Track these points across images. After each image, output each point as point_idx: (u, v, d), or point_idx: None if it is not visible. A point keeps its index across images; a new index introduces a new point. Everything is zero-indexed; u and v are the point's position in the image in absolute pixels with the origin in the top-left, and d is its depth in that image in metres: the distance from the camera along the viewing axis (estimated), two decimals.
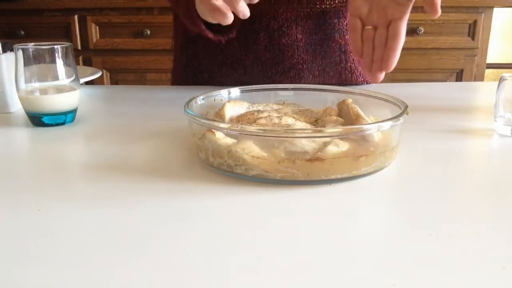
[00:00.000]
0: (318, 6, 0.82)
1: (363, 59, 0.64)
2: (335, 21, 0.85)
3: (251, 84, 0.63)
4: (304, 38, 0.84)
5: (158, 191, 0.42)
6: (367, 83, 0.91)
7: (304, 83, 0.86)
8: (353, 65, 0.88)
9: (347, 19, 0.85)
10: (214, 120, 0.48)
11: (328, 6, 0.83)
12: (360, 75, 0.90)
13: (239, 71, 0.86)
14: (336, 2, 0.82)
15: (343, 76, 0.89)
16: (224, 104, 0.55)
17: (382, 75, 0.57)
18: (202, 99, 0.56)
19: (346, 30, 0.86)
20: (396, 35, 0.61)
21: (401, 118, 0.45)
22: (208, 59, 0.89)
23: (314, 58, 0.85)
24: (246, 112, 0.55)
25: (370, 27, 0.64)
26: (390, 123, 0.45)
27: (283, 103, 0.61)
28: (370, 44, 0.64)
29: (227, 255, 0.31)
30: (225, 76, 0.87)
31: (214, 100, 0.58)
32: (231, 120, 0.53)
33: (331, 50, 0.86)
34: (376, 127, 0.44)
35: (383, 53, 0.61)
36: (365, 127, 0.46)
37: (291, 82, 0.85)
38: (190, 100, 0.53)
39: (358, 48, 0.65)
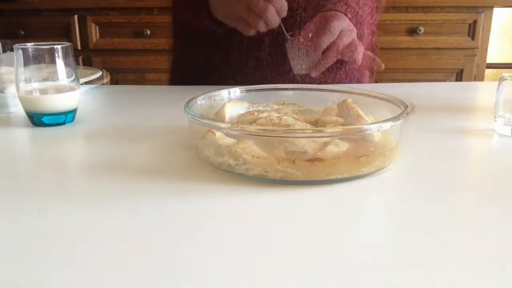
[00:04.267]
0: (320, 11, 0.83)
1: None
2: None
3: None
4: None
5: (158, 191, 0.42)
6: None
7: (302, 82, 0.86)
8: (347, 66, 0.89)
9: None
10: (214, 120, 0.48)
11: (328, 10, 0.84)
12: (353, 78, 0.91)
13: (240, 79, 0.87)
14: (337, 6, 0.84)
15: (337, 76, 0.90)
16: (224, 104, 0.55)
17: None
18: (202, 99, 0.56)
19: None
20: None
21: (401, 118, 0.45)
22: (206, 70, 0.89)
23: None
24: (246, 112, 0.55)
25: None
26: (390, 123, 0.45)
27: (283, 103, 0.61)
28: None
29: (227, 255, 0.31)
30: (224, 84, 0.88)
31: (214, 100, 0.58)
32: (231, 120, 0.53)
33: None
34: (376, 127, 0.44)
35: None
36: (365, 127, 0.46)
37: (290, 82, 0.86)
38: (190, 100, 0.53)
39: None
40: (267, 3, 0.63)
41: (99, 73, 0.90)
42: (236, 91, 0.60)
